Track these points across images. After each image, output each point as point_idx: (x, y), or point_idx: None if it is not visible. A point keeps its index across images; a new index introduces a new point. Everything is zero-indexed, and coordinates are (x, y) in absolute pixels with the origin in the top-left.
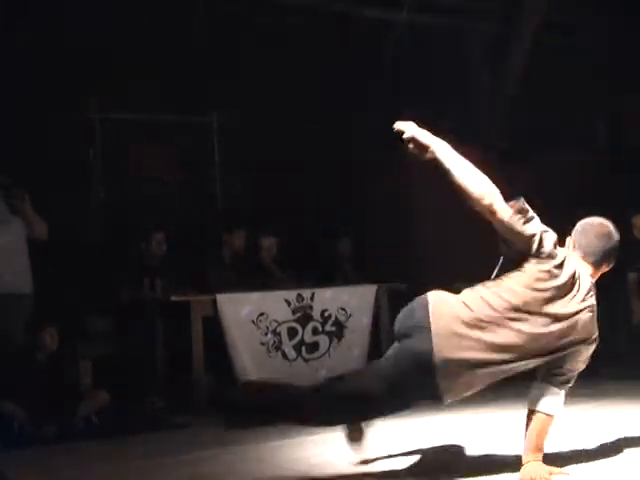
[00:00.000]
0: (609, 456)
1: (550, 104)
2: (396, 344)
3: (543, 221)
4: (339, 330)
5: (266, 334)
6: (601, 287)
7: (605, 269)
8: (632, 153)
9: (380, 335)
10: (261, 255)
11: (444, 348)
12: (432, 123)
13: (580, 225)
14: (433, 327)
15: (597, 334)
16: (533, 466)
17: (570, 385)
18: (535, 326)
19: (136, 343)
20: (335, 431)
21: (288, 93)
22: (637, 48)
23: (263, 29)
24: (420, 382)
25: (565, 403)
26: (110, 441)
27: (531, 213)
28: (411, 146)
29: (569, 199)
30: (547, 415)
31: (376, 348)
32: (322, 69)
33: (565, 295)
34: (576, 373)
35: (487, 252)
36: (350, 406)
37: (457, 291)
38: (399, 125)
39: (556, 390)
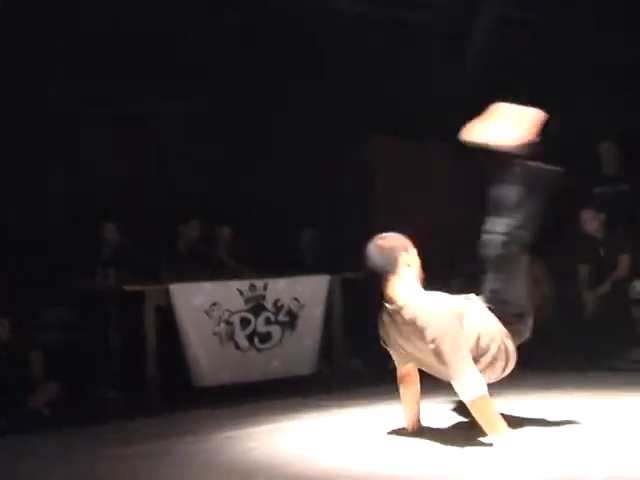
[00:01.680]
0: (560, 447)
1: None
2: None
3: None
4: (292, 320)
5: (219, 324)
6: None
7: None
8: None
9: (333, 325)
10: (216, 245)
11: None
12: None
13: None
14: None
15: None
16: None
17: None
18: None
19: (90, 333)
20: (292, 420)
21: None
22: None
23: (229, 19)
24: None
25: (518, 394)
26: (61, 433)
27: None
28: None
29: None
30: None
31: (329, 338)
32: (287, 58)
33: None
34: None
35: (444, 244)
36: None
37: None
38: None
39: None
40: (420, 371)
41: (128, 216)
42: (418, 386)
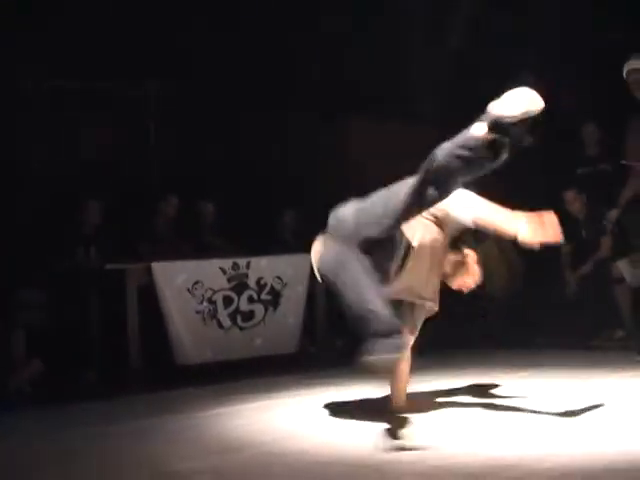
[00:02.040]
0: (542, 424)
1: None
2: None
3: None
4: (275, 299)
5: (201, 302)
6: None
7: None
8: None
9: (315, 304)
10: (199, 222)
11: None
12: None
13: None
14: None
15: None
16: None
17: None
18: None
19: (71, 313)
20: (273, 399)
21: (226, 61)
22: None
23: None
24: None
25: (499, 372)
26: (44, 412)
27: None
28: None
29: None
30: None
31: (311, 317)
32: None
33: None
34: None
35: None
36: None
37: None
38: None
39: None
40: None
41: (106, 195)
42: (408, 364)
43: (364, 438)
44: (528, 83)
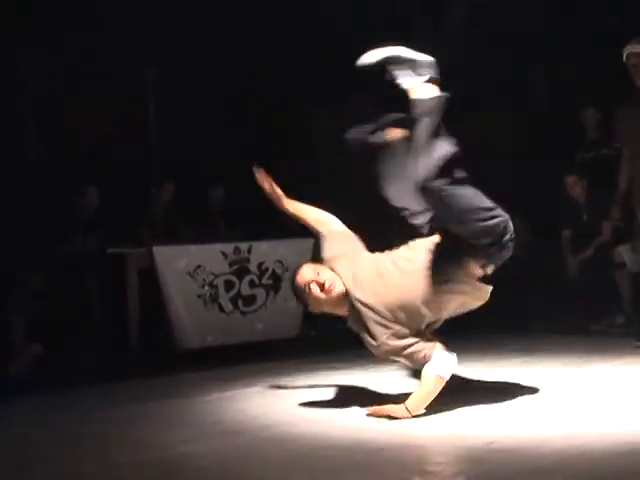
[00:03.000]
0: (538, 409)
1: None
2: None
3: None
4: (276, 283)
5: (203, 286)
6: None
7: None
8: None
9: None
10: (209, 205)
11: None
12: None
13: None
14: None
15: None
16: (400, 409)
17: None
18: None
19: (71, 297)
20: (273, 383)
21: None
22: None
23: None
24: None
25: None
26: (44, 396)
27: None
28: None
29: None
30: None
31: None
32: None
33: None
34: None
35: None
36: None
37: None
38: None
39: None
40: None
41: (106, 179)
42: None
43: (365, 423)
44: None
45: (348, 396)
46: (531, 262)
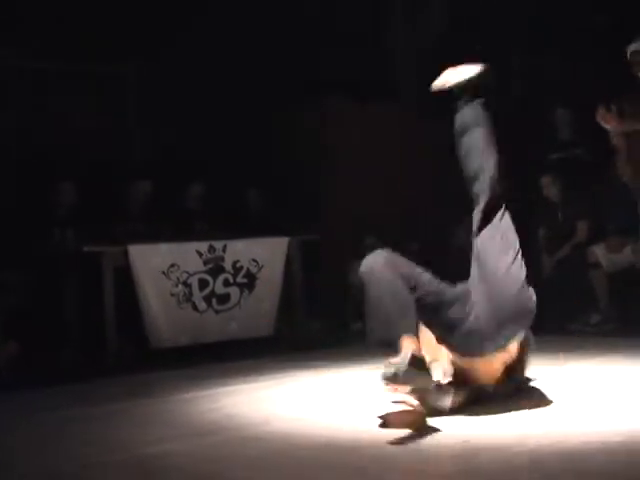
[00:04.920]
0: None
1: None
2: None
3: None
4: (250, 282)
5: (177, 285)
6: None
7: None
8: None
9: (292, 287)
10: (187, 203)
11: None
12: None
13: None
14: None
15: None
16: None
17: None
18: None
19: (47, 295)
20: (248, 382)
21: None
22: None
23: None
24: None
25: None
26: (19, 394)
27: None
28: None
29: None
30: None
31: (287, 300)
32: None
33: None
34: None
35: (396, 206)
36: None
37: None
38: None
39: None
40: None
41: (87, 177)
42: None
43: (340, 421)
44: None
45: (322, 395)
46: None
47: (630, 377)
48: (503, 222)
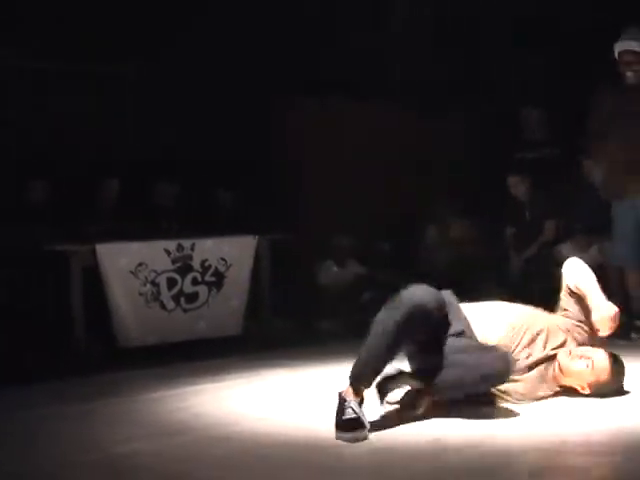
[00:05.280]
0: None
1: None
2: None
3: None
4: (219, 280)
5: (145, 284)
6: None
7: None
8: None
9: (260, 286)
10: (158, 201)
11: None
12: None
13: None
14: None
15: None
16: None
17: None
18: None
19: (15, 294)
20: (216, 382)
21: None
22: None
23: None
24: None
25: None
26: None
27: None
28: None
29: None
30: None
31: (256, 300)
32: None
33: None
34: None
35: (367, 206)
36: None
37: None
38: None
39: None
40: None
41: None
42: None
43: (308, 420)
44: None
45: (290, 394)
46: (475, 261)
47: None
48: None
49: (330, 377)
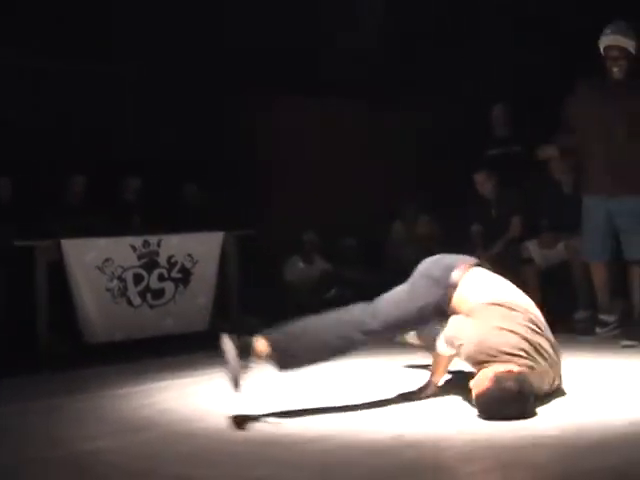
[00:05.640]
0: (449, 404)
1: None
2: None
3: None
4: (185, 277)
5: (111, 280)
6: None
7: None
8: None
9: (227, 282)
10: (124, 196)
11: None
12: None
13: None
14: None
15: None
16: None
17: None
18: None
19: None
20: (182, 378)
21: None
22: None
23: None
24: None
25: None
26: None
27: None
28: None
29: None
30: None
31: (222, 296)
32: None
33: None
34: None
35: (333, 203)
36: None
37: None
38: None
39: None
40: None
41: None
42: None
43: (274, 416)
44: None
45: (257, 390)
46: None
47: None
48: None
49: (295, 374)
